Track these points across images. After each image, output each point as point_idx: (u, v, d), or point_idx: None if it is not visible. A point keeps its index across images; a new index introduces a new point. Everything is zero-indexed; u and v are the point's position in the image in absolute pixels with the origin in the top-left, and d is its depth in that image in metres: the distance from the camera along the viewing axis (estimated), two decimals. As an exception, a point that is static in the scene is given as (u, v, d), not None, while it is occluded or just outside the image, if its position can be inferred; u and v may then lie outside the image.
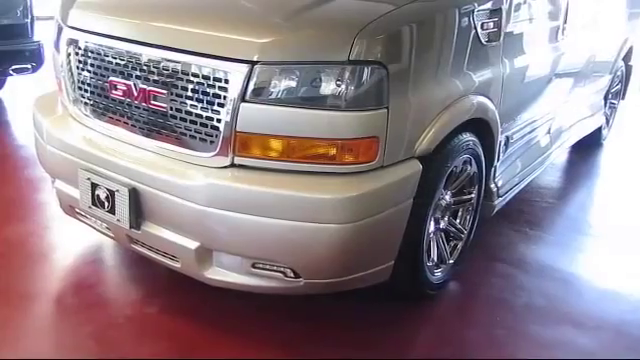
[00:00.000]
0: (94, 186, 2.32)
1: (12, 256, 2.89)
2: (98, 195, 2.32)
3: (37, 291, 2.63)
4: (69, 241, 3.06)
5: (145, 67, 2.22)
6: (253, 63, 2.00)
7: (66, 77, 2.55)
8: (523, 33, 2.90)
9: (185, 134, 2.18)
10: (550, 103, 3.59)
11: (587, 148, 5.03)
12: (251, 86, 2.01)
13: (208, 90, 2.08)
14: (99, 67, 2.39)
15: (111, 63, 2.34)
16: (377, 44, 2.01)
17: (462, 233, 2.83)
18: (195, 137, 2.16)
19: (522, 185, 3.40)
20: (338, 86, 1.97)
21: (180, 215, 2.15)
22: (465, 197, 2.78)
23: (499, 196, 3.07)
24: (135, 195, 2.22)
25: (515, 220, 3.61)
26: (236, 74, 2.02)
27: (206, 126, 2.12)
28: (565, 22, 3.38)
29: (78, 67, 2.50)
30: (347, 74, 1.97)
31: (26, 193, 3.64)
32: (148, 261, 2.47)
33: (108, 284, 2.75)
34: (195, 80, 2.10)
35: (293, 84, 2.00)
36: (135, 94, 2.28)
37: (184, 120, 2.16)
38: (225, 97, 2.05)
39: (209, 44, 2.08)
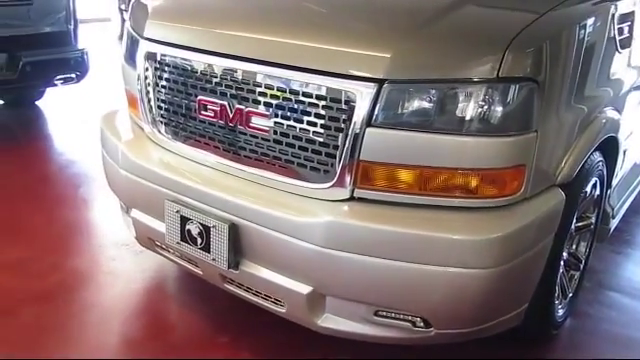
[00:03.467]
0: (184, 220, 2.05)
1: (82, 291, 2.63)
2: (189, 230, 2.05)
3: (120, 339, 2.36)
4: (145, 276, 2.77)
5: (244, 85, 1.94)
6: (381, 82, 1.71)
7: (143, 95, 2.28)
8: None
9: (292, 162, 1.90)
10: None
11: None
12: (379, 108, 1.72)
13: (323, 112, 1.80)
14: (185, 84, 2.12)
15: (200, 80, 2.07)
16: (528, 58, 1.71)
17: (580, 262, 2.53)
18: (305, 165, 1.87)
19: (629, 203, 3.09)
20: (484, 107, 1.68)
21: (290, 256, 1.87)
22: (585, 222, 2.48)
23: (613, 217, 2.77)
24: (235, 232, 1.95)
25: (614, 241, 3.28)
26: (361, 94, 1.73)
27: (319, 153, 1.83)
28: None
29: (158, 84, 2.22)
30: (495, 93, 1.67)
31: (85, 216, 3.39)
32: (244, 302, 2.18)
33: (203, 332, 2.43)
34: (307, 101, 1.82)
35: (429, 106, 1.70)
36: (230, 115, 2.00)
37: (291, 146, 1.88)
38: (345, 120, 1.76)
39: (326, 60, 1.79)
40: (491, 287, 1.76)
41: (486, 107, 1.68)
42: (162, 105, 2.23)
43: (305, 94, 1.82)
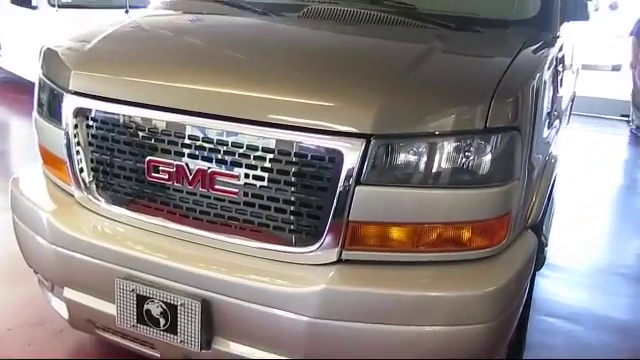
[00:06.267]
0: (142, 299, 1.79)
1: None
2: (148, 310, 1.80)
3: None
4: None
5: (206, 144, 1.75)
6: (368, 137, 1.62)
7: (73, 156, 1.98)
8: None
9: (267, 225, 1.73)
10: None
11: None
12: (368, 165, 1.62)
13: (304, 170, 1.66)
14: (129, 144, 1.87)
15: (149, 139, 1.84)
16: (509, 106, 1.70)
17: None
18: (283, 229, 1.72)
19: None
20: (474, 159, 1.64)
21: (276, 330, 1.69)
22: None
23: (546, 245, 2.88)
24: (207, 308, 1.73)
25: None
26: (348, 151, 1.62)
27: (300, 214, 1.69)
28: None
29: (93, 144, 1.95)
30: (485, 144, 1.65)
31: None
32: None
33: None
34: (284, 159, 1.67)
35: (420, 160, 1.63)
36: (189, 177, 1.79)
37: (266, 208, 1.72)
38: (330, 179, 1.64)
39: (305, 115, 1.66)
40: (491, 340, 1.72)
41: (477, 158, 1.65)
42: (99, 167, 1.95)
43: (282, 152, 1.67)
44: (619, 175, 5.58)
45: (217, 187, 1.76)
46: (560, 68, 2.37)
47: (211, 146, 1.74)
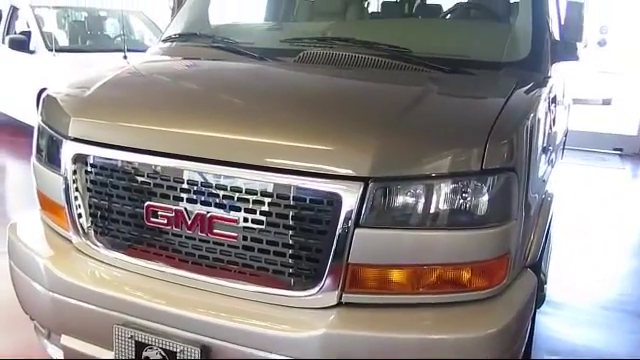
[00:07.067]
0: (141, 346, 1.78)
1: None
2: (147, 358, 1.78)
3: None
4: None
5: (205, 188, 1.76)
6: (366, 180, 1.63)
7: (71, 202, 1.99)
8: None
9: (266, 269, 1.73)
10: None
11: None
12: (367, 208, 1.63)
13: (303, 213, 1.67)
14: (128, 189, 1.88)
15: (148, 184, 1.85)
16: (504, 148, 1.72)
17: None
18: (283, 272, 1.72)
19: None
20: (472, 200, 1.66)
21: (277, 376, 1.67)
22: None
23: (545, 283, 2.87)
24: (207, 354, 1.72)
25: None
26: (346, 194, 1.63)
27: (299, 258, 1.69)
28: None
29: (91, 189, 1.95)
30: (481, 185, 1.66)
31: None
32: None
33: None
34: (283, 203, 1.68)
35: (419, 202, 1.65)
36: (188, 222, 1.79)
37: (265, 252, 1.72)
38: (329, 222, 1.65)
39: (303, 159, 1.67)
40: (492, 383, 1.70)
41: (474, 199, 1.66)
42: (97, 213, 1.96)
43: (280, 196, 1.68)
44: (615, 210, 5.60)
45: (216, 231, 1.77)
46: (553, 107, 2.41)
47: (210, 191, 1.75)
